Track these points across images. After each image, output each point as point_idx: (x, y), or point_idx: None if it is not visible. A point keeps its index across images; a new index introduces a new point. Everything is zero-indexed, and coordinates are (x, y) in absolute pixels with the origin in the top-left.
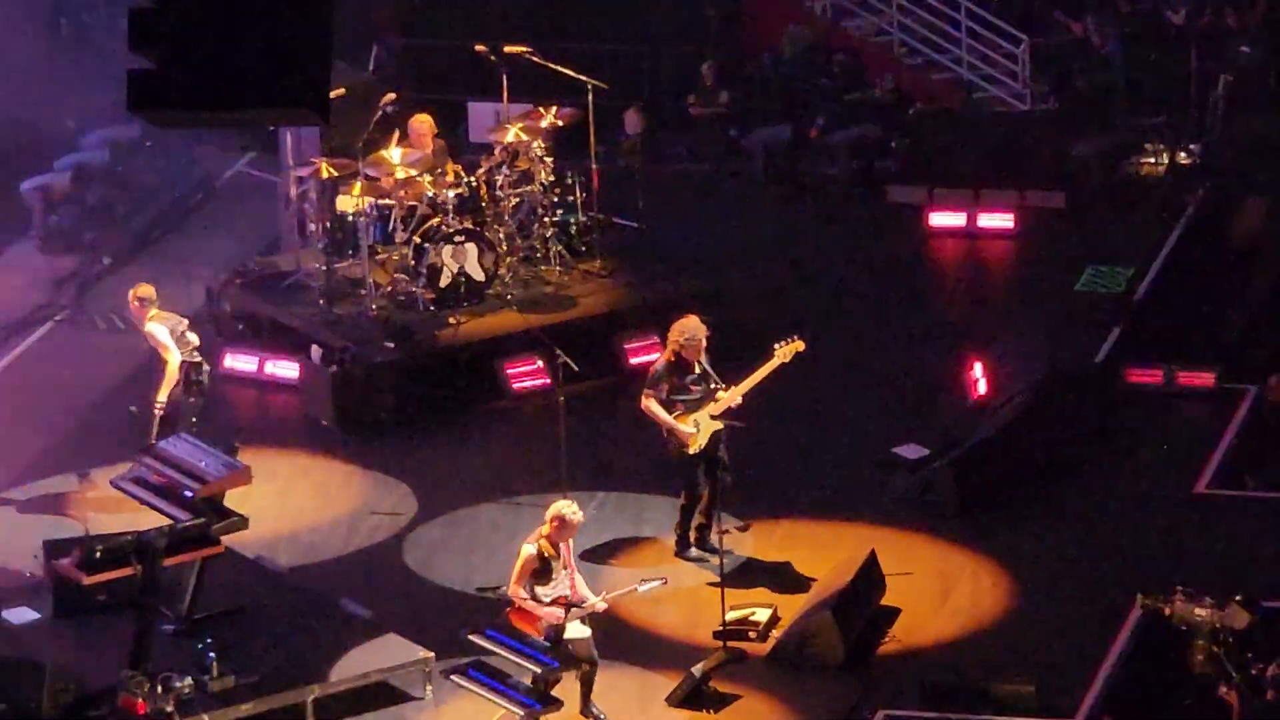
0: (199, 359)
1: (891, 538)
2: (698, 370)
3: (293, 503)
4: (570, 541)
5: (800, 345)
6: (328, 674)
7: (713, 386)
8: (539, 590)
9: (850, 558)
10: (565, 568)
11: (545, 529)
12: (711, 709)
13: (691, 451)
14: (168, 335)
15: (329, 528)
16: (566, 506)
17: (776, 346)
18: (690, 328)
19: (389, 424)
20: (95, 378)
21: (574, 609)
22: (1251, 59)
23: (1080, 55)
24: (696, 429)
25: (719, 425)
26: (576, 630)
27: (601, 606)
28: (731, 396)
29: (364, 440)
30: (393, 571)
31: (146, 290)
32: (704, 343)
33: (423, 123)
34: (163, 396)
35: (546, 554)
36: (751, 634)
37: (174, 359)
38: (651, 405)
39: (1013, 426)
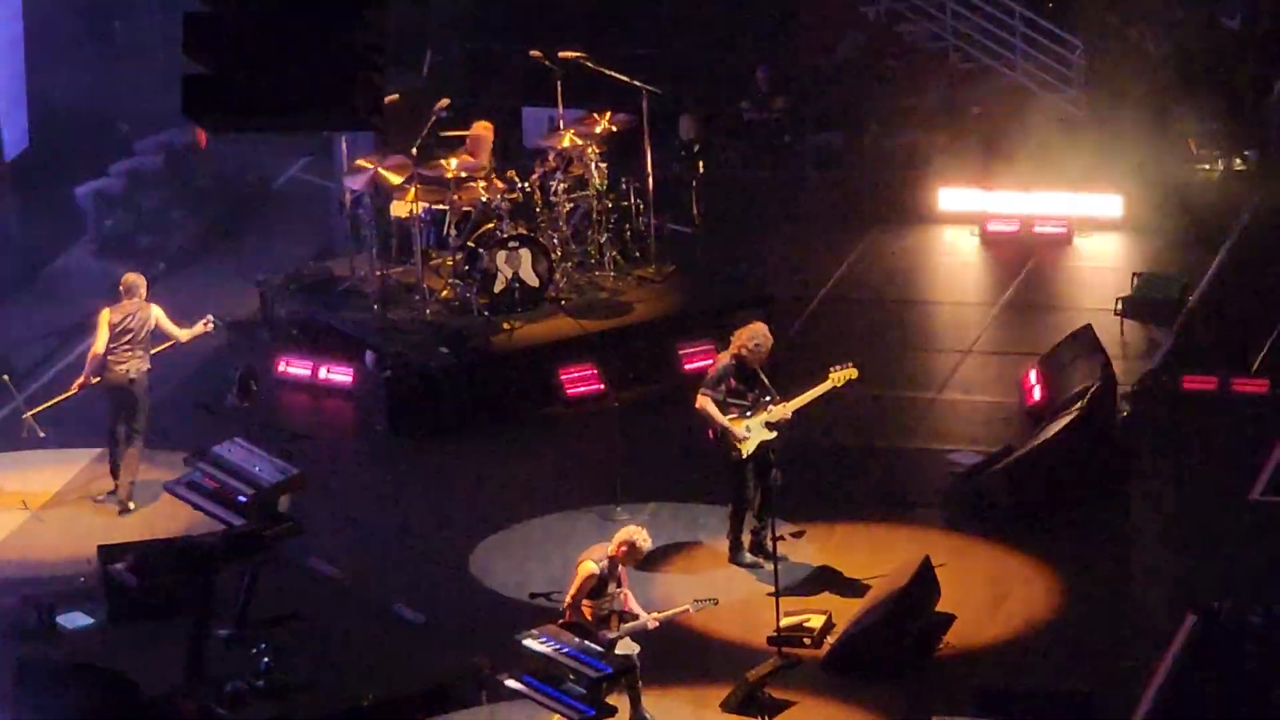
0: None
1: (946, 544)
2: (755, 377)
3: (343, 507)
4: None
5: (854, 373)
6: (381, 679)
7: (766, 397)
8: (591, 604)
9: (905, 563)
10: (619, 585)
11: (611, 549)
12: (766, 715)
13: (740, 456)
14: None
15: (382, 532)
16: (638, 533)
17: (832, 370)
18: (758, 334)
19: (443, 429)
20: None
21: (625, 625)
22: None
23: (1135, 61)
24: (748, 434)
25: (770, 435)
26: (625, 646)
27: (652, 625)
28: (783, 410)
29: (418, 445)
30: (446, 576)
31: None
32: (767, 351)
33: (484, 129)
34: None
35: (605, 574)
36: (806, 640)
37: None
38: (708, 405)
39: (1067, 434)
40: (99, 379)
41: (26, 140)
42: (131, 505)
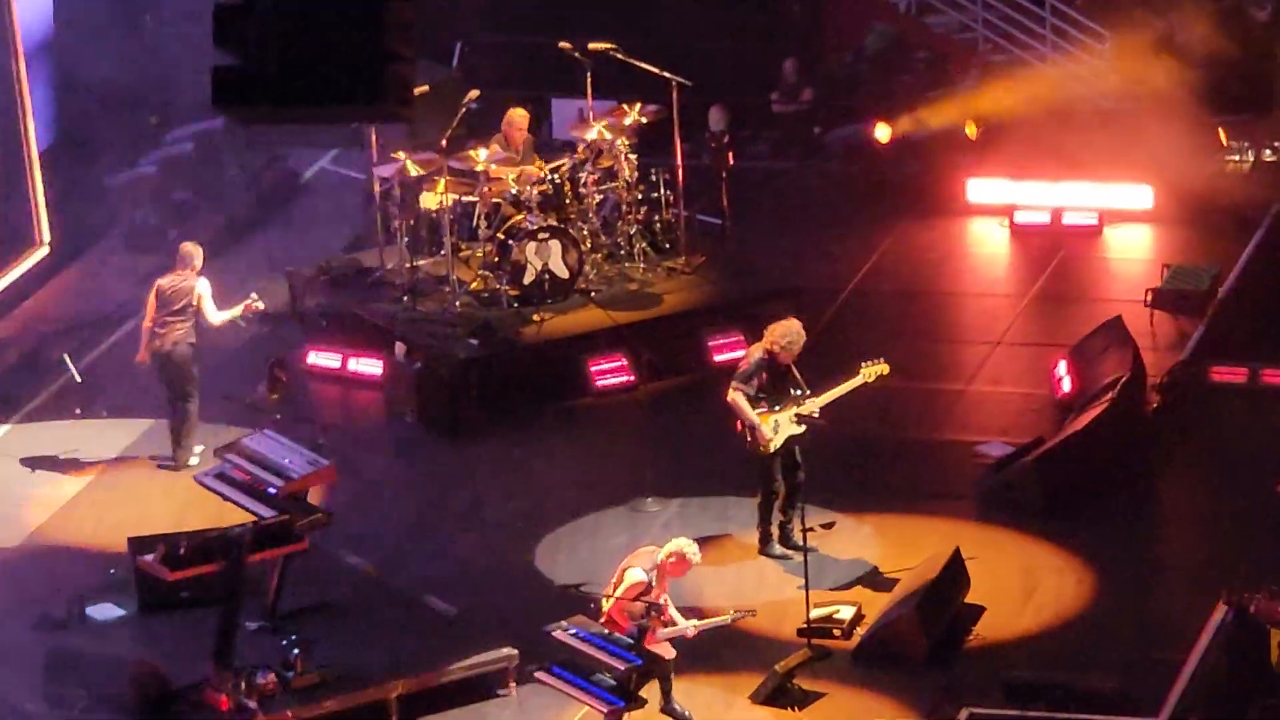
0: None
1: (976, 535)
2: (786, 372)
3: (373, 498)
4: None
5: (885, 369)
6: (411, 670)
7: (796, 392)
8: (631, 610)
9: (935, 555)
10: (660, 595)
11: (660, 558)
12: (796, 707)
13: (769, 450)
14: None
15: (411, 524)
16: (688, 545)
17: (863, 365)
18: (792, 332)
19: (472, 421)
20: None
21: (664, 631)
22: None
23: (1164, 51)
24: (775, 430)
25: (798, 429)
26: (663, 650)
27: (691, 633)
28: (812, 405)
29: (447, 437)
30: (475, 568)
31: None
32: (799, 349)
33: (519, 116)
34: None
35: (651, 584)
36: (836, 631)
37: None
38: (738, 399)
39: (1097, 425)
40: (151, 351)
41: (57, 133)
42: (191, 462)
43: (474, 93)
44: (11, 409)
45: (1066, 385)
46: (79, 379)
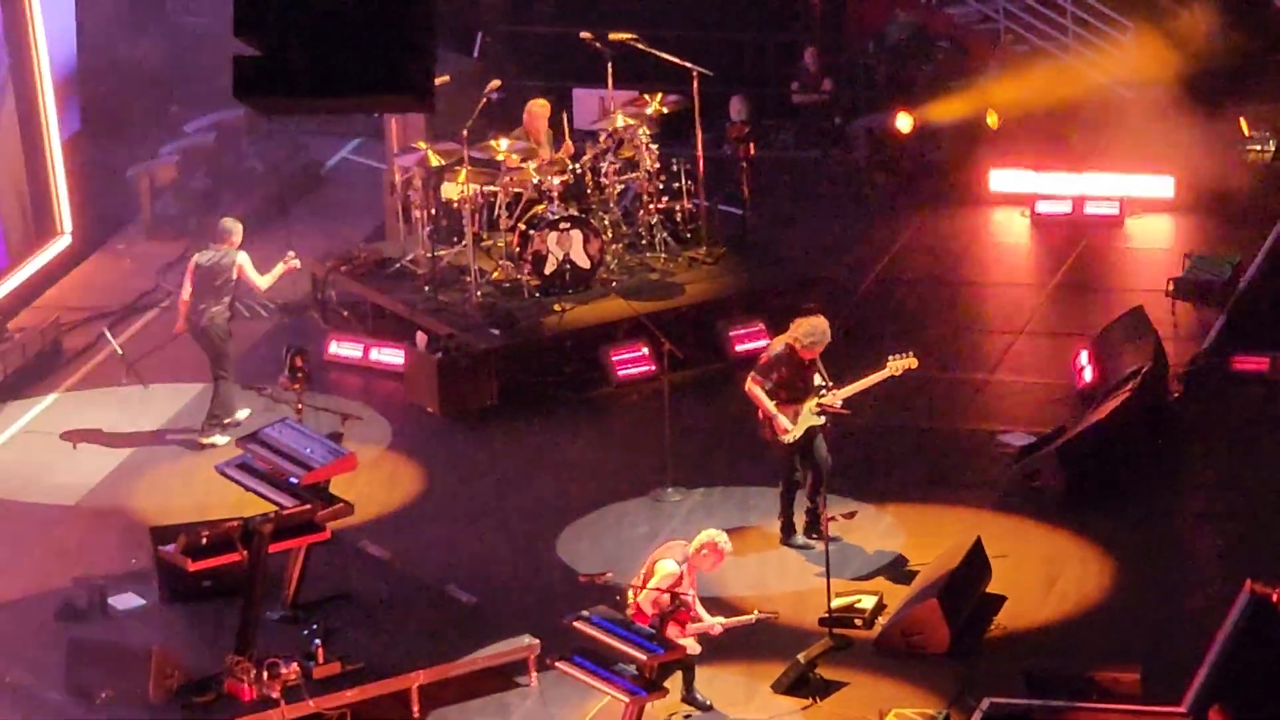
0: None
1: (998, 524)
2: (809, 365)
3: (398, 488)
4: None
5: (914, 362)
6: (433, 660)
7: (819, 384)
8: (660, 603)
9: (956, 544)
10: (690, 590)
11: (691, 550)
12: (817, 696)
13: (786, 441)
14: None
15: (432, 514)
16: (720, 536)
17: (890, 359)
18: (817, 331)
19: (493, 411)
20: (202, 362)
21: (692, 627)
22: None
23: (1186, 42)
24: (795, 421)
25: (819, 421)
26: (688, 645)
27: (718, 630)
28: (833, 398)
29: (468, 427)
30: (497, 558)
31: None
32: (823, 346)
33: (540, 107)
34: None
35: (683, 576)
36: (857, 621)
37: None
38: (756, 390)
39: (1119, 414)
40: (188, 324)
41: (78, 122)
42: (219, 440)
43: (495, 83)
44: (48, 385)
45: (1088, 375)
46: (120, 352)
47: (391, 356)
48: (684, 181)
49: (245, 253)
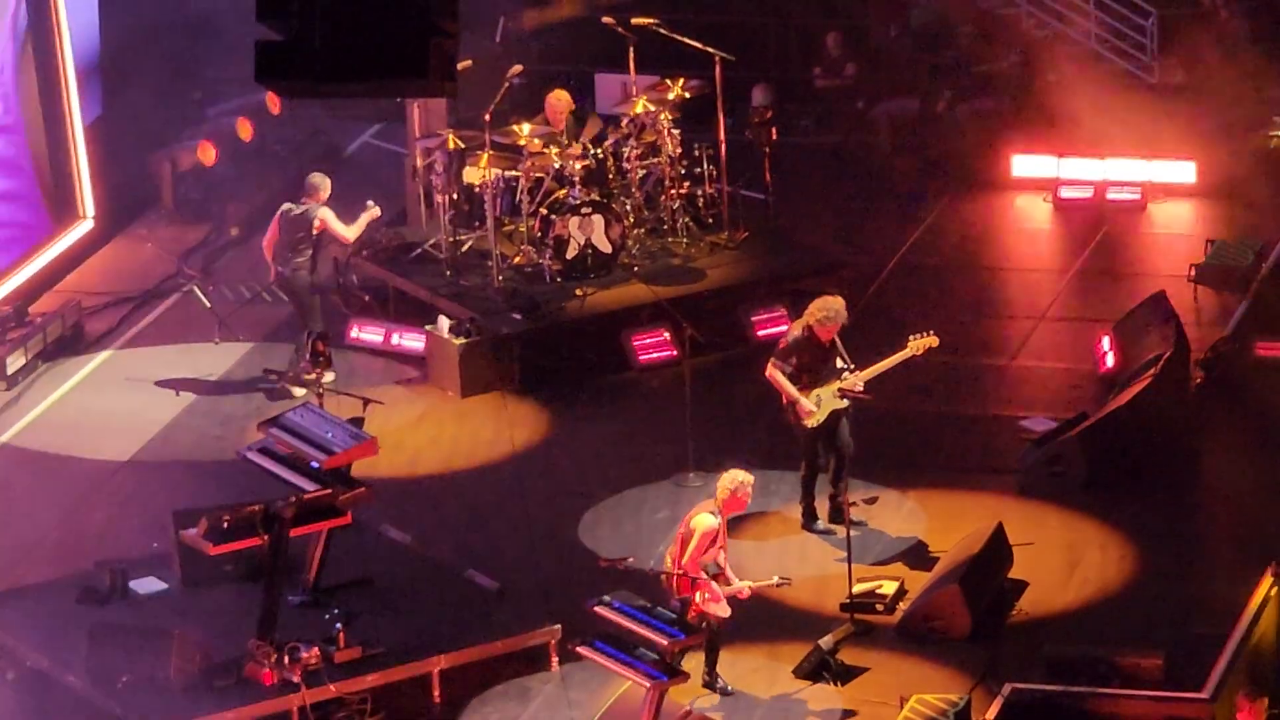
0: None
1: (1019, 510)
2: (829, 347)
3: (419, 471)
4: None
5: (934, 341)
6: (454, 645)
7: (840, 366)
8: (705, 560)
9: (978, 530)
10: (723, 547)
11: (720, 498)
12: (838, 681)
13: (809, 425)
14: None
15: (454, 499)
16: (738, 472)
17: (911, 338)
18: (833, 307)
19: (515, 395)
20: (222, 350)
21: (726, 589)
22: None
23: (1209, 27)
24: (818, 405)
25: (841, 404)
26: (719, 609)
27: (746, 593)
28: (855, 380)
29: (490, 411)
30: (518, 543)
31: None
32: (841, 323)
33: (559, 99)
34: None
35: (720, 529)
36: (879, 606)
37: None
38: (777, 375)
39: (1141, 400)
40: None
41: (100, 107)
42: (298, 392)
43: (517, 68)
44: (103, 344)
45: (1110, 360)
46: (209, 304)
47: (413, 341)
48: (706, 166)
49: (328, 208)
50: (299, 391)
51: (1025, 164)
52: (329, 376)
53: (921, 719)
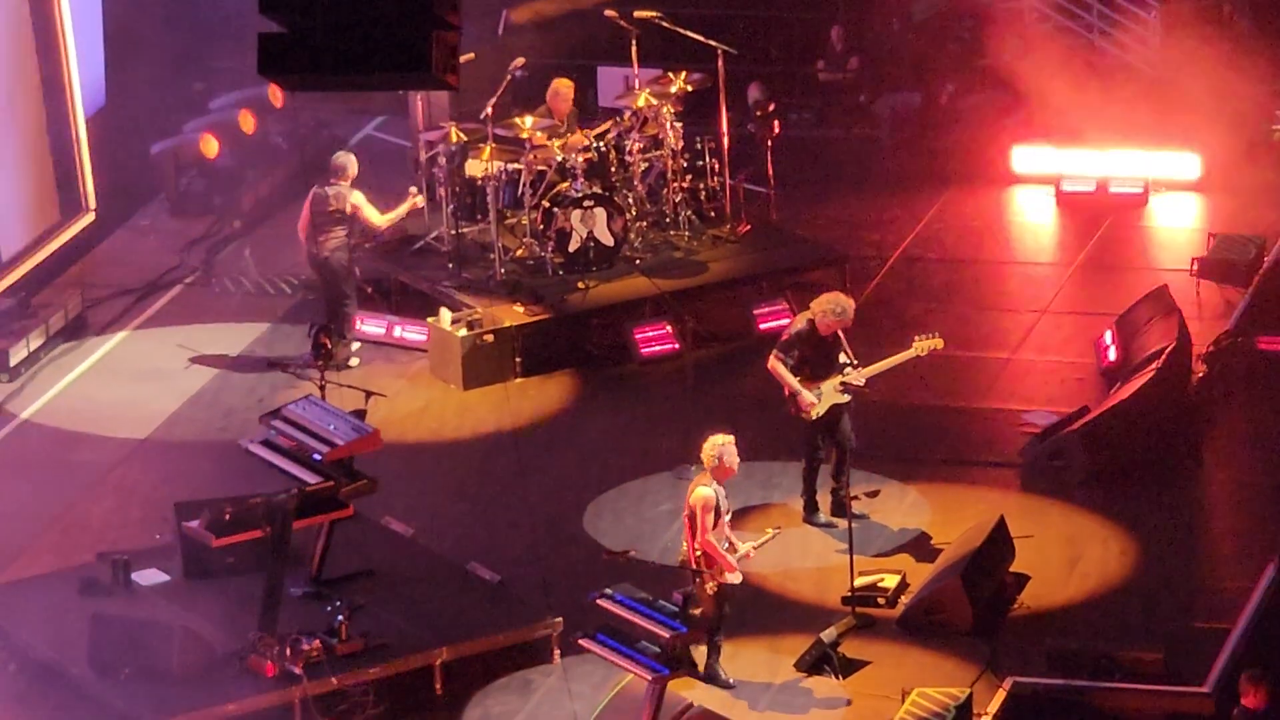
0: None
1: (1021, 504)
2: (832, 342)
3: (417, 465)
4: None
5: (940, 343)
6: (456, 637)
7: (843, 360)
8: (718, 535)
9: (979, 523)
10: (726, 513)
11: (708, 469)
12: (839, 674)
13: (811, 417)
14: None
15: (456, 491)
16: (716, 437)
17: (916, 338)
18: (842, 304)
19: (516, 388)
20: (225, 340)
21: (731, 556)
22: None
23: (1211, 20)
24: (819, 398)
25: (843, 398)
26: (735, 576)
27: (751, 555)
28: (857, 376)
29: (492, 404)
30: (520, 535)
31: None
32: (847, 320)
33: (564, 87)
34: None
35: (719, 497)
36: (880, 600)
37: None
38: (779, 367)
39: (1143, 394)
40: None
41: (103, 98)
42: (352, 363)
43: (519, 60)
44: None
45: (1112, 354)
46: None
47: (415, 334)
48: (708, 160)
49: (359, 191)
50: (352, 358)
51: (1027, 157)
52: (354, 360)
53: (923, 712)
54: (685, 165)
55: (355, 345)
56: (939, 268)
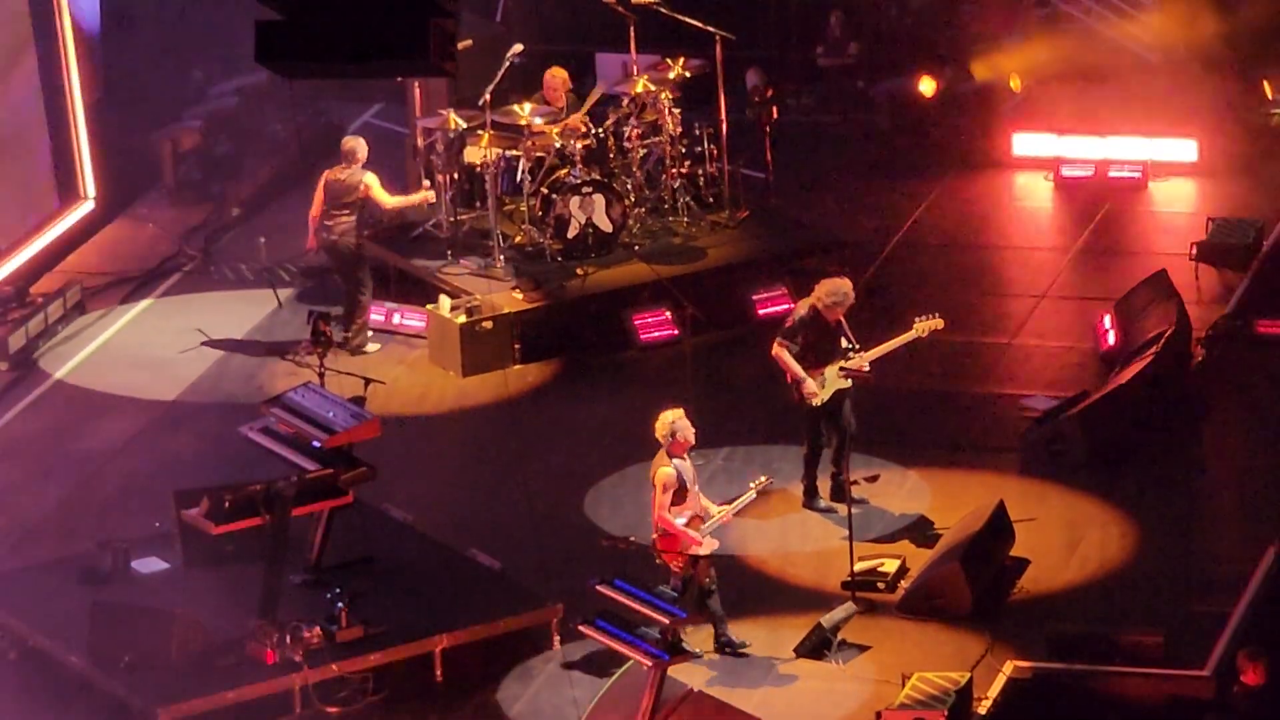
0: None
1: (1020, 488)
2: (834, 327)
3: (416, 452)
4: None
5: (940, 323)
6: (456, 624)
7: (845, 345)
8: (676, 511)
9: (979, 508)
10: (694, 484)
11: (666, 446)
12: (839, 660)
13: (814, 404)
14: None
15: (456, 478)
16: (666, 413)
17: (917, 320)
18: (842, 290)
19: (516, 374)
20: (224, 327)
21: (707, 525)
22: None
23: (1210, 5)
24: (823, 384)
25: (845, 383)
26: (708, 545)
27: (728, 518)
28: (860, 360)
29: (490, 390)
30: (520, 522)
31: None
32: (848, 306)
33: (556, 77)
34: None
35: (681, 474)
36: (880, 584)
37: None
38: (783, 354)
39: (1142, 378)
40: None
41: (102, 87)
42: (369, 349)
43: (517, 47)
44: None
45: (1111, 339)
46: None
47: (414, 321)
48: (706, 145)
49: (372, 173)
50: (369, 343)
51: (1026, 143)
52: (373, 346)
53: (923, 696)
54: (684, 151)
55: (370, 331)
56: (938, 253)
